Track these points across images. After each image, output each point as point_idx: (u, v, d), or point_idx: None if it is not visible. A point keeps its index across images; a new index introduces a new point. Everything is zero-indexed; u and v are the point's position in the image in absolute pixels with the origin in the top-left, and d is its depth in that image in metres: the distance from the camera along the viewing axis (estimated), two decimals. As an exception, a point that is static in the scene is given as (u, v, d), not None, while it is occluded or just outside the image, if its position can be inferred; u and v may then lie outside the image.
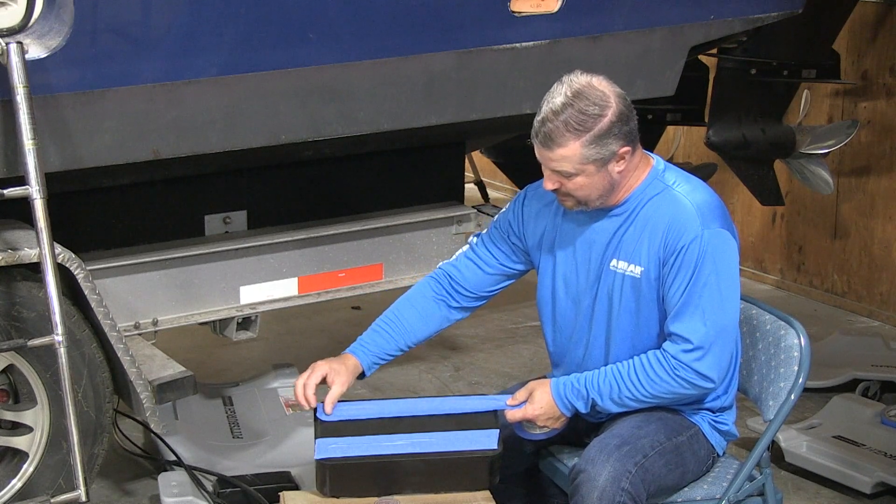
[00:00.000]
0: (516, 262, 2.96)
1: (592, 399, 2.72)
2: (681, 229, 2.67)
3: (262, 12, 3.23)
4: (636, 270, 2.73)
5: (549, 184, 2.71)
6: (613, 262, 2.76)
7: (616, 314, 2.77)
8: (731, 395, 2.89)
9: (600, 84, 2.65)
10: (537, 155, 2.69)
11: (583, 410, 2.74)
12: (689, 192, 2.72)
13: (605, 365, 2.77)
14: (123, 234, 3.68)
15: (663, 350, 2.69)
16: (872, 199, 5.50)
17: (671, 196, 2.72)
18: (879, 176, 5.46)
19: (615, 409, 2.74)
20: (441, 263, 3.03)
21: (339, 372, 2.82)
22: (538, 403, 2.75)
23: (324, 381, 2.81)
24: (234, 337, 3.84)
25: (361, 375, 2.89)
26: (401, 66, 3.54)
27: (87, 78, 3.06)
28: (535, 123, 2.66)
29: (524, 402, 2.78)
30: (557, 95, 2.64)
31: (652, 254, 2.70)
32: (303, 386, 2.79)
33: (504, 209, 2.98)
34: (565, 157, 2.63)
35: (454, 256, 3.02)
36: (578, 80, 2.65)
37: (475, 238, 3.01)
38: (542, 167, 2.71)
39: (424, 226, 4.16)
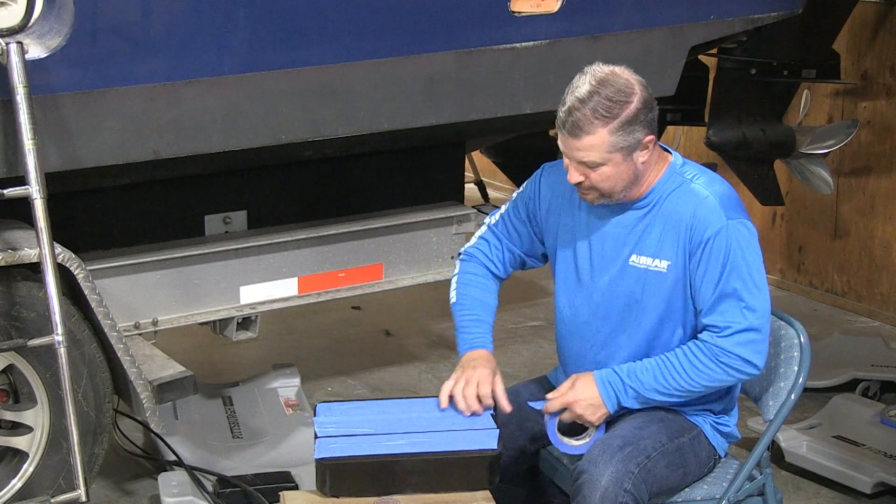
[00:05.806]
0: (536, 243, 2.95)
1: (633, 388, 2.70)
2: (705, 221, 2.68)
3: (262, 12, 3.23)
4: (662, 265, 2.72)
5: (574, 176, 2.69)
6: (634, 257, 2.75)
7: (636, 309, 2.76)
8: (734, 398, 2.88)
9: (623, 72, 2.67)
10: (562, 146, 2.68)
11: (624, 403, 2.71)
12: (708, 185, 2.74)
13: (624, 361, 2.76)
14: (123, 234, 3.68)
15: (704, 340, 2.67)
16: (872, 199, 5.50)
17: (691, 189, 2.73)
18: (879, 176, 5.45)
19: (655, 400, 2.71)
20: (464, 248, 3.02)
21: (495, 372, 2.80)
22: (580, 390, 2.72)
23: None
24: (234, 337, 3.84)
25: None
26: (401, 66, 3.54)
27: (87, 78, 3.06)
28: (561, 114, 2.65)
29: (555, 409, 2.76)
30: (582, 85, 2.64)
31: (679, 247, 2.70)
32: (475, 398, 2.74)
33: (521, 189, 2.96)
34: (593, 145, 2.63)
35: (473, 240, 3.01)
36: (601, 69, 2.66)
37: (492, 218, 3.00)
38: (566, 160, 2.70)
39: (424, 226, 4.16)
